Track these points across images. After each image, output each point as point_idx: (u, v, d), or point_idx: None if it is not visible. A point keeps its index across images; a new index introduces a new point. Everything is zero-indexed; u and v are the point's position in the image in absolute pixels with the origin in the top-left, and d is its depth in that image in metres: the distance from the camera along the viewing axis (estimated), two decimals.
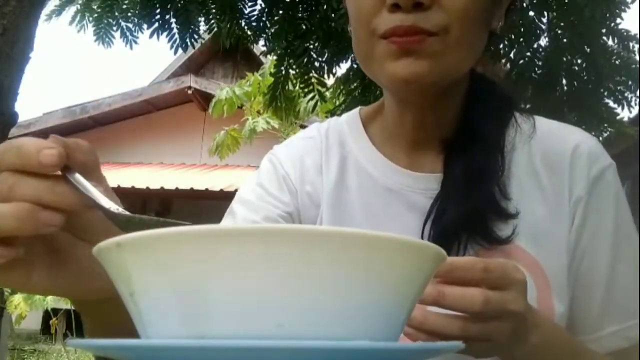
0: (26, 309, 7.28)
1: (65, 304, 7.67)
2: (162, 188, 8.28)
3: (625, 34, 2.33)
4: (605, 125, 2.46)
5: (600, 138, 2.54)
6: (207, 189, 8.22)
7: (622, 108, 2.42)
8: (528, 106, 2.47)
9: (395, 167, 0.72)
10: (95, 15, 2.66)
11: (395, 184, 0.71)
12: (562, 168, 0.69)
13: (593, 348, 0.67)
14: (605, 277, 0.68)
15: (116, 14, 2.67)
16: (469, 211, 0.65)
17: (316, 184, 0.73)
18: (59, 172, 0.39)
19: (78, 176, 0.40)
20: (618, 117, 2.50)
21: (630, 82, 2.37)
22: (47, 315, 7.81)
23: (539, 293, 0.65)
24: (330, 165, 0.74)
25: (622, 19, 2.31)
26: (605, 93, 2.42)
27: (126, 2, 2.64)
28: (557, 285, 0.66)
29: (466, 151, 0.68)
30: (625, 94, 2.39)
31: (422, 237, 0.67)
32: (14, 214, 0.37)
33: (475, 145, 0.68)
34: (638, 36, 2.35)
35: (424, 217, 0.68)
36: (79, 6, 2.71)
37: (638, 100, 2.42)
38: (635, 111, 2.49)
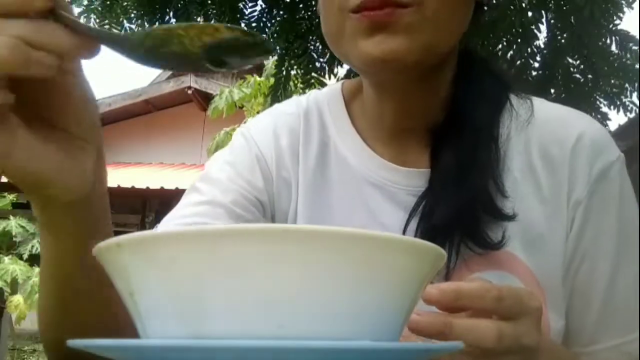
0: (26, 309, 7.27)
1: None
2: (162, 188, 8.27)
3: (624, 35, 2.33)
4: None
5: None
6: None
7: (618, 111, 2.41)
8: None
9: (378, 160, 0.65)
10: (99, 15, 2.66)
11: (378, 178, 0.65)
12: (561, 163, 0.62)
13: None
14: (604, 286, 0.62)
15: (119, 14, 2.67)
16: (460, 211, 0.59)
17: (291, 170, 0.67)
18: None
19: (67, 14, 0.36)
20: (607, 127, 2.49)
21: (627, 85, 2.36)
22: None
23: None
24: (308, 152, 0.67)
25: (621, 19, 2.30)
26: (602, 95, 2.42)
27: (125, 3, 2.65)
28: (552, 297, 0.61)
29: (456, 142, 0.61)
30: (621, 97, 2.38)
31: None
32: (2, 45, 0.33)
33: (466, 134, 0.61)
34: (638, 37, 2.34)
35: (407, 216, 0.62)
36: (83, 8, 2.71)
37: (638, 101, 2.41)
38: (630, 115, 2.48)
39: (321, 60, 2.60)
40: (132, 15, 2.67)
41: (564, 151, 0.63)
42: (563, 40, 2.43)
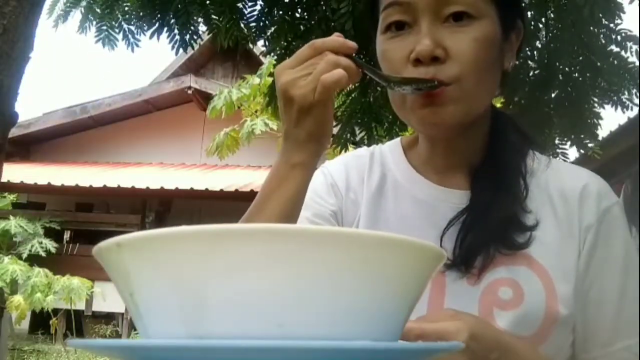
0: (26, 308, 7.27)
1: (65, 304, 7.67)
2: (162, 188, 8.28)
3: (624, 34, 2.32)
4: (585, 138, 2.45)
5: (581, 151, 2.54)
6: (207, 189, 8.22)
7: (616, 109, 2.41)
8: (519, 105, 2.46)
9: (426, 182, 0.83)
10: (98, 17, 2.65)
11: (426, 195, 0.82)
12: (573, 201, 0.78)
13: None
14: (616, 297, 0.74)
15: (118, 15, 2.67)
16: (495, 228, 0.75)
17: (358, 193, 0.86)
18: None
19: (355, 58, 0.66)
20: (600, 127, 2.48)
21: (625, 83, 2.35)
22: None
23: (547, 299, 0.72)
24: (371, 179, 0.87)
25: (622, 19, 2.30)
26: (600, 93, 2.41)
27: (127, 3, 2.64)
28: (562, 295, 0.73)
29: (492, 175, 0.78)
30: (619, 95, 2.38)
31: (441, 241, 0.76)
32: (349, 64, 0.64)
33: (500, 170, 0.78)
34: (638, 37, 2.34)
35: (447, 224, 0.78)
36: (82, 9, 2.70)
37: (638, 100, 2.40)
38: (629, 112, 2.47)
39: None
40: (132, 16, 2.67)
41: (575, 192, 0.78)
42: (563, 40, 2.42)
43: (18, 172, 8.24)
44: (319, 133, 0.68)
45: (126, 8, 2.66)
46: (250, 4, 2.59)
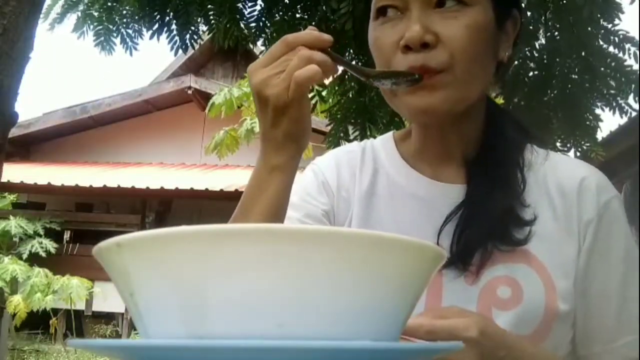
0: (26, 308, 7.26)
1: (65, 304, 7.67)
2: (162, 188, 8.27)
3: (622, 35, 2.32)
4: (584, 140, 2.45)
5: (579, 152, 2.53)
6: (207, 189, 8.22)
7: (614, 113, 2.40)
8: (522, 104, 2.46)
9: (420, 177, 0.81)
10: (95, 21, 2.65)
11: (420, 191, 0.80)
12: (571, 195, 0.76)
13: (609, 358, 0.74)
14: (618, 292, 0.74)
15: (116, 19, 2.66)
16: (493, 223, 0.73)
17: (350, 190, 0.84)
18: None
19: (330, 51, 0.64)
20: (600, 130, 2.48)
21: (623, 87, 2.34)
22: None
23: (547, 295, 0.72)
24: (363, 176, 0.84)
25: (620, 20, 2.29)
26: (598, 97, 2.40)
27: (126, 6, 2.64)
28: (562, 291, 0.73)
29: (488, 168, 0.77)
30: (617, 99, 2.37)
31: (438, 238, 0.74)
32: (322, 59, 0.62)
33: (497, 163, 0.77)
34: (638, 38, 2.33)
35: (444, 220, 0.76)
36: (80, 13, 2.70)
37: (638, 103, 2.40)
38: (626, 117, 2.47)
39: None
40: (130, 19, 2.67)
41: (573, 185, 0.77)
42: (561, 41, 2.42)
43: (18, 172, 8.23)
44: (297, 133, 0.66)
45: (124, 12, 2.66)
46: (250, 4, 2.60)
